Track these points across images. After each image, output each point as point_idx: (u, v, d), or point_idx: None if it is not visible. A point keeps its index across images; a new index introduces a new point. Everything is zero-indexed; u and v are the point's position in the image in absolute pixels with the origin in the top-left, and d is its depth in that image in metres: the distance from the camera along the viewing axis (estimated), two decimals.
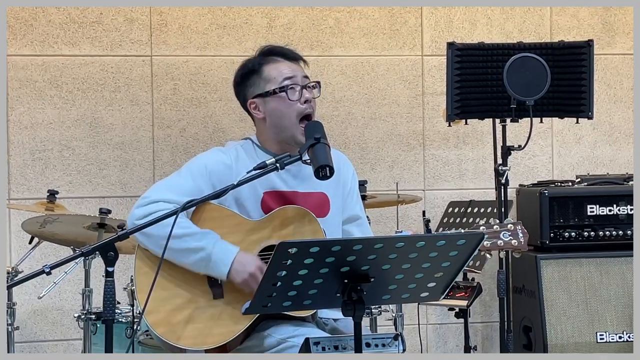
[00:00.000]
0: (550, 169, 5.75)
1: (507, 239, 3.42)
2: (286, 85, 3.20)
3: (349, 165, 3.40)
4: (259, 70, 3.26)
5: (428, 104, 5.64)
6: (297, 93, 3.20)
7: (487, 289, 5.25)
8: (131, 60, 5.39)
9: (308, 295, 2.65)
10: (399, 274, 2.66)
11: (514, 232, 3.43)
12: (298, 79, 3.23)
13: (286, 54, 3.28)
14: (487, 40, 5.11)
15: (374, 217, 5.13)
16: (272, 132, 3.26)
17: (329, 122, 5.40)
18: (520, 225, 3.48)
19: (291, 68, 3.25)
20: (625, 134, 5.80)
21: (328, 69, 5.55)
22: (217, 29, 5.46)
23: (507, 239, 3.42)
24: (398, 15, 5.61)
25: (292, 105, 3.20)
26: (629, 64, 5.80)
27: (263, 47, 3.33)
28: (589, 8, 5.75)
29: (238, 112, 5.32)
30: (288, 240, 2.56)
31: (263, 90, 3.24)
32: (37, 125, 5.31)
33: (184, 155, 5.28)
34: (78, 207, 5.26)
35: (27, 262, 4.58)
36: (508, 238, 3.42)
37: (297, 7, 5.52)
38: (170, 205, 3.06)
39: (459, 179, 5.67)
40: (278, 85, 3.21)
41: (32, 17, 5.30)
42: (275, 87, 3.21)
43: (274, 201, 3.18)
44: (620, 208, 5.13)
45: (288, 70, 3.23)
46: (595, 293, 5.02)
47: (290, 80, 3.22)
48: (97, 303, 4.28)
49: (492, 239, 3.42)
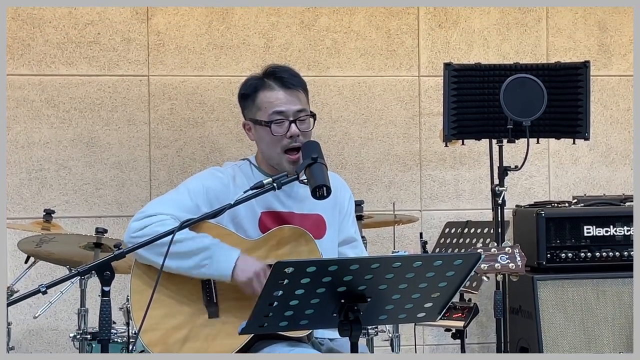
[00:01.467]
0: (547, 190, 5.75)
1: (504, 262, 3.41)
2: (274, 119, 3.17)
3: (346, 188, 3.39)
4: (254, 95, 3.23)
5: (425, 124, 5.64)
6: (284, 128, 3.17)
7: (483, 310, 5.24)
8: (128, 80, 5.40)
9: (305, 315, 2.64)
10: (395, 294, 2.65)
11: (511, 255, 3.42)
12: (289, 113, 3.18)
13: (285, 82, 3.21)
14: (483, 61, 5.13)
15: (370, 238, 5.13)
16: (262, 156, 3.26)
17: (326, 142, 5.41)
18: (518, 248, 3.47)
19: (285, 99, 3.19)
20: (622, 155, 5.81)
21: (325, 90, 5.56)
22: (214, 49, 5.48)
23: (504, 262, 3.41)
24: (395, 36, 5.63)
25: (277, 139, 3.18)
26: (625, 85, 5.82)
27: (267, 68, 3.27)
28: (585, 29, 5.78)
29: (235, 132, 5.34)
30: (285, 260, 2.55)
31: (254, 117, 3.23)
32: (33, 145, 5.31)
33: (180, 175, 5.28)
34: (74, 226, 5.25)
35: (23, 282, 4.56)
36: (506, 261, 3.41)
37: (295, 27, 5.53)
38: (167, 217, 3.06)
39: (456, 200, 5.67)
40: (266, 117, 3.18)
41: (30, 37, 5.31)
42: (263, 119, 3.19)
43: (272, 221, 3.18)
44: (617, 229, 5.13)
45: (279, 103, 3.18)
46: (592, 314, 5.01)
47: (280, 115, 3.17)
48: (92, 323, 4.27)
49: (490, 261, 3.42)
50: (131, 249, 2.98)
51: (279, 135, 3.16)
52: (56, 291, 4.14)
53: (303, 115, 3.20)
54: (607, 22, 5.79)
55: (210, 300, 3.11)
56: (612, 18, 5.79)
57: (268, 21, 5.52)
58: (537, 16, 5.74)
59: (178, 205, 3.12)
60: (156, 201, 3.22)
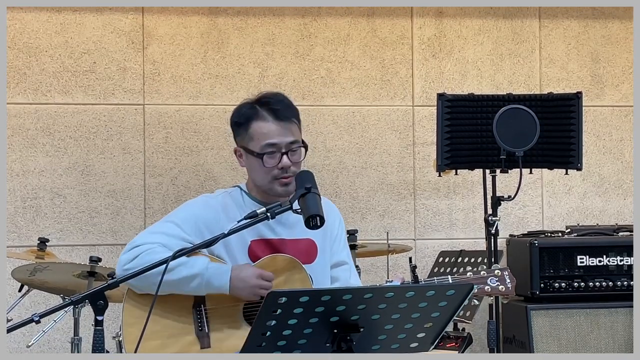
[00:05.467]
0: (540, 220, 5.76)
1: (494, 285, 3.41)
2: (266, 151, 3.16)
3: (336, 212, 3.39)
4: (247, 124, 3.22)
5: (419, 153, 5.67)
6: (275, 159, 3.18)
7: (477, 339, 5.24)
8: (123, 109, 5.42)
9: (298, 345, 2.64)
10: (388, 324, 2.66)
11: (501, 277, 3.42)
12: (281, 145, 3.17)
13: (278, 114, 3.20)
14: (477, 91, 5.16)
15: (364, 267, 5.13)
16: (253, 183, 3.27)
17: (320, 171, 5.43)
18: (508, 270, 3.47)
19: (277, 132, 3.17)
20: (615, 185, 5.83)
21: (319, 119, 5.58)
22: (209, 79, 5.50)
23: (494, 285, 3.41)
24: (389, 66, 5.66)
25: (268, 170, 3.19)
26: (618, 115, 5.85)
27: (261, 96, 3.26)
28: (578, 60, 5.81)
29: (229, 161, 5.36)
30: (278, 290, 2.56)
31: (247, 146, 3.23)
32: (28, 173, 5.32)
33: (175, 204, 5.28)
34: (68, 254, 5.25)
35: (17, 311, 4.55)
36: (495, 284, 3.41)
37: (289, 57, 5.56)
38: (155, 244, 3.08)
39: (450, 229, 5.68)
40: (259, 149, 3.18)
41: (26, 65, 5.34)
42: (255, 150, 3.20)
43: (261, 249, 3.18)
44: (610, 259, 5.14)
45: (272, 135, 3.17)
46: (586, 344, 5.01)
47: (272, 147, 3.16)
48: (86, 352, 4.26)
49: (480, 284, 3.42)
50: (125, 278, 2.98)
51: (271, 166, 3.18)
52: (50, 320, 4.14)
53: (295, 147, 3.21)
54: (600, 53, 5.83)
55: (202, 330, 3.12)
56: (605, 49, 5.84)
57: (263, 51, 5.55)
58: (531, 47, 5.78)
59: (168, 235, 3.13)
60: (145, 232, 3.23)
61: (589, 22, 5.83)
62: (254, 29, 5.55)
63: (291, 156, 3.18)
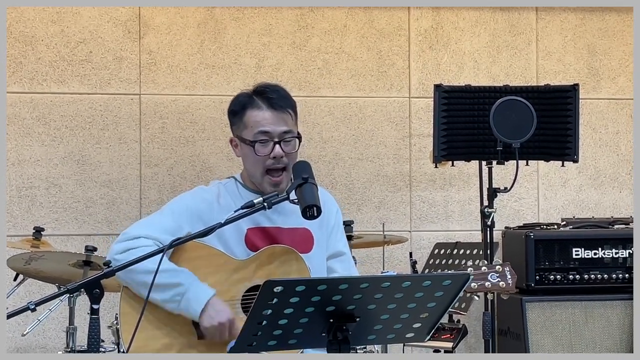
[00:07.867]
0: (536, 212, 5.77)
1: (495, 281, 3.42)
2: (258, 139, 3.17)
3: (333, 202, 3.39)
4: (242, 113, 3.23)
5: (415, 145, 5.66)
6: (268, 148, 3.18)
7: (472, 331, 5.24)
8: (120, 99, 5.41)
9: (293, 335, 2.64)
10: (384, 314, 2.66)
11: (502, 273, 3.42)
12: (274, 134, 3.18)
13: (273, 102, 3.21)
14: (473, 83, 5.15)
15: (360, 258, 5.13)
16: (247, 173, 3.27)
17: (316, 162, 5.42)
18: (509, 266, 3.47)
19: (271, 120, 3.18)
20: (611, 177, 5.83)
21: (316, 110, 5.58)
22: (205, 69, 5.49)
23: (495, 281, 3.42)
24: (386, 57, 5.66)
25: (260, 159, 3.19)
26: (614, 108, 5.85)
27: (258, 86, 3.27)
28: (575, 53, 5.81)
29: (225, 152, 5.35)
30: (274, 279, 2.55)
31: (241, 134, 3.23)
32: (24, 162, 5.31)
33: (171, 194, 5.28)
34: (64, 244, 5.25)
35: (12, 299, 4.55)
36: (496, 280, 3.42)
37: (286, 48, 5.56)
38: (150, 241, 3.07)
39: (445, 221, 5.68)
40: (251, 136, 3.19)
41: (22, 54, 5.32)
42: (248, 138, 3.20)
43: (258, 237, 3.18)
44: (606, 251, 5.15)
45: (265, 123, 3.18)
46: (580, 336, 5.02)
47: (265, 135, 3.17)
48: (81, 341, 4.26)
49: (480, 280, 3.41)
50: (121, 267, 2.97)
51: (263, 155, 3.17)
52: (45, 309, 4.14)
53: (288, 137, 3.20)
54: (597, 45, 5.83)
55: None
56: (602, 42, 5.83)
57: (260, 41, 5.54)
58: (527, 39, 5.78)
59: (162, 228, 3.12)
60: (140, 223, 3.22)
61: (586, 14, 5.83)
62: (250, 19, 5.54)
63: (284, 146, 3.18)
